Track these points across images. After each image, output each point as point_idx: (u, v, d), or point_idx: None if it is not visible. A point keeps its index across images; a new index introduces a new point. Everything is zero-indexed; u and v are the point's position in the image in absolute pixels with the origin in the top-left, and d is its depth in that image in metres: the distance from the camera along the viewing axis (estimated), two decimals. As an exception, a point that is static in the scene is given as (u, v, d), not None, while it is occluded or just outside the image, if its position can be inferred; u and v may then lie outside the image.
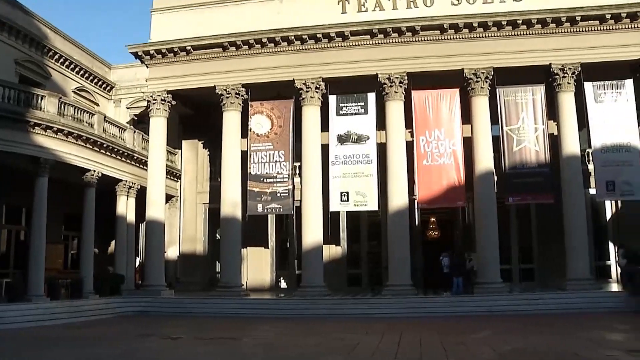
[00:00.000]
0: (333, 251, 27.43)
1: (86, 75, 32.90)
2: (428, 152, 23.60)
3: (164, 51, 25.37)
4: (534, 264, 26.70)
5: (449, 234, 28.13)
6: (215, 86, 24.99)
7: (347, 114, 24.39)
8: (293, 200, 24.57)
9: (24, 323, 18.11)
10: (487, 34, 23.29)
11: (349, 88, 24.47)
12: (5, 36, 27.04)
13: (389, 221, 23.55)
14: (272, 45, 24.55)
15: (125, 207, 26.95)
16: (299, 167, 25.05)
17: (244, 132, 25.32)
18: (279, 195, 24.46)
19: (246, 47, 24.70)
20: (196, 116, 29.08)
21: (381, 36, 23.82)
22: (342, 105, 24.46)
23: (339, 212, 26.10)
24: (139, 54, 25.79)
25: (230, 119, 25.13)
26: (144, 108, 29.34)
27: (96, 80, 33.88)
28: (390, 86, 23.65)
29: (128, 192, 27.09)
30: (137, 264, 29.27)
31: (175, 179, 30.58)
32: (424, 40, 23.70)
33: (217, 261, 27.42)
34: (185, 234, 29.68)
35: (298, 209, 24.73)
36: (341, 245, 27.84)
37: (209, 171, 30.26)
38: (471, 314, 20.39)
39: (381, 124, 24.23)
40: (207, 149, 30.34)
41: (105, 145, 24.78)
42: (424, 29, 23.44)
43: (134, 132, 28.03)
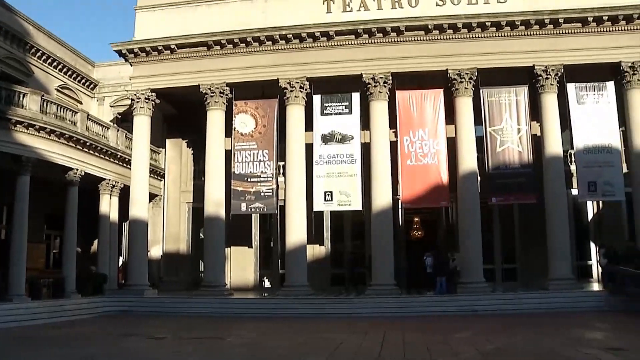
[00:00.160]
0: (317, 251, 27.44)
1: (69, 73, 32.53)
2: (412, 152, 23.68)
3: (148, 49, 25.20)
4: (516, 263, 26.88)
5: (433, 233, 28.18)
6: (199, 85, 24.87)
7: (331, 114, 24.42)
8: (277, 199, 24.56)
9: (4, 323, 17.84)
10: (472, 35, 23.43)
11: (333, 88, 24.50)
12: (-14, 33, 26.70)
13: (373, 221, 23.59)
14: (257, 44, 24.49)
15: (108, 206, 26.79)
16: (283, 166, 25.01)
17: (228, 131, 25.24)
18: (263, 194, 24.43)
19: (231, 46, 24.63)
20: (180, 115, 28.95)
21: (366, 36, 23.86)
22: (326, 104, 24.48)
23: (323, 212, 26.11)
24: (123, 52, 25.59)
25: (215, 118, 25.04)
26: (127, 106, 29.09)
27: (79, 78, 33.53)
28: (375, 86, 23.71)
29: (111, 191, 26.93)
30: (120, 263, 29.04)
31: (159, 178, 30.43)
32: (409, 41, 23.77)
33: (200, 261, 27.29)
34: (168, 233, 29.57)
35: (282, 209, 24.69)
36: (325, 245, 27.86)
37: (192, 170, 30.15)
38: (454, 313, 20.50)
39: (365, 123, 24.28)
40: (191, 148, 30.22)
41: (88, 144, 24.62)
42: (408, 29, 23.51)
43: (118, 130, 27.87)
